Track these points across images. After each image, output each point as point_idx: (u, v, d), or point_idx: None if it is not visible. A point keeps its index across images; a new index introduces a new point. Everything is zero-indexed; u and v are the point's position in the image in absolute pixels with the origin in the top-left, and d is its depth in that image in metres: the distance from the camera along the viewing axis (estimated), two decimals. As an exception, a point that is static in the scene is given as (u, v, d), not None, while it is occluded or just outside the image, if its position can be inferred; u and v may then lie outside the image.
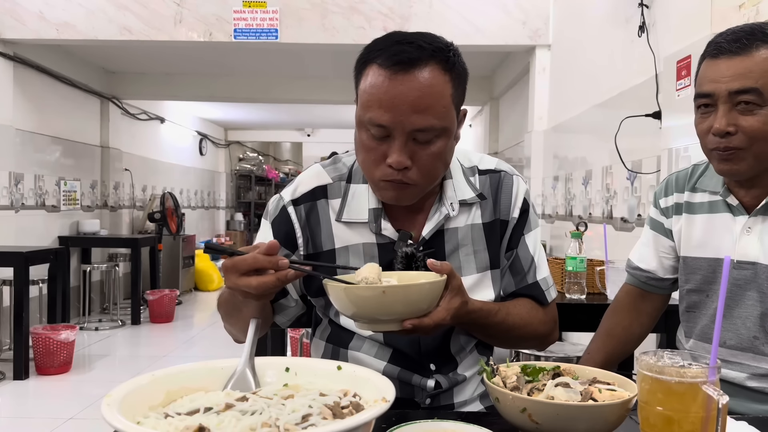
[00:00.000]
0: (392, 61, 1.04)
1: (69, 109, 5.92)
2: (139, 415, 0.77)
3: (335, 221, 1.20)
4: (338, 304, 0.99)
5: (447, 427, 0.86)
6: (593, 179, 3.52)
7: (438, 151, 1.08)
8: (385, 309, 0.96)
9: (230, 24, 4.49)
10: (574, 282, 2.13)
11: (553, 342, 1.29)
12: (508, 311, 1.18)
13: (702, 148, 1.26)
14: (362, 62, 1.10)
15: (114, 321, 5.95)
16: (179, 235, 7.35)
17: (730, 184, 1.28)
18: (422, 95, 1.04)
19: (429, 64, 1.05)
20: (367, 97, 1.07)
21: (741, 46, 1.16)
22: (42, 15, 4.51)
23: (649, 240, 1.46)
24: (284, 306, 1.24)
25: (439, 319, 1.00)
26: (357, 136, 1.12)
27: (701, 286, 1.33)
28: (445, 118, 1.07)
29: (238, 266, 0.95)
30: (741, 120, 1.16)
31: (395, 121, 1.04)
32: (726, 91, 1.16)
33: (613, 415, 0.83)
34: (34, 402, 3.87)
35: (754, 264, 1.24)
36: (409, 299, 0.96)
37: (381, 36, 1.11)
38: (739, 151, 1.17)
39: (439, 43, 1.08)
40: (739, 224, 1.26)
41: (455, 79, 1.08)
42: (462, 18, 4.48)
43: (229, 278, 0.97)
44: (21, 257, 4.11)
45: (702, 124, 1.23)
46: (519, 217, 1.23)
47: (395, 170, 1.07)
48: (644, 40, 2.80)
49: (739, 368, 1.26)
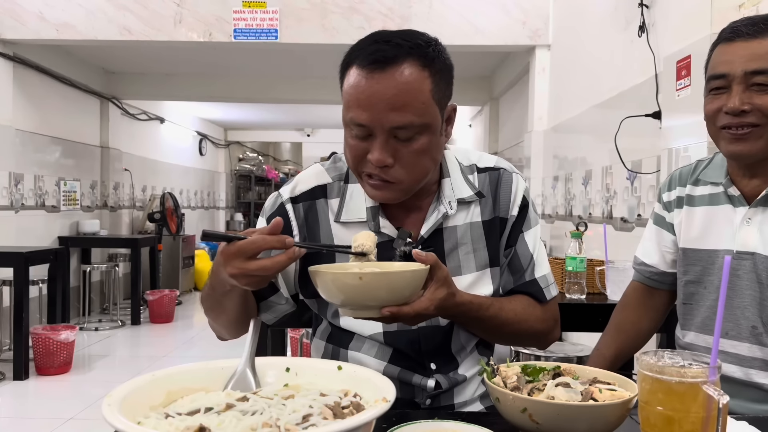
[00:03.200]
0: (369, 60, 1.05)
1: (69, 109, 5.92)
2: (140, 415, 0.77)
3: (334, 222, 1.20)
4: (321, 289, 1.00)
5: (447, 427, 0.86)
6: (593, 179, 3.52)
7: (421, 148, 1.08)
8: (364, 295, 0.96)
9: (230, 24, 4.49)
10: (574, 282, 2.13)
11: (555, 340, 1.28)
12: (502, 306, 1.17)
13: (709, 129, 1.26)
14: (344, 64, 1.10)
15: (114, 321, 5.95)
16: (179, 235, 7.35)
17: (733, 174, 1.29)
18: (399, 92, 1.04)
19: (406, 61, 1.05)
20: (348, 97, 1.08)
21: (758, 30, 1.17)
22: (42, 15, 4.51)
23: (652, 235, 1.47)
24: (272, 303, 1.23)
25: (421, 309, 1.01)
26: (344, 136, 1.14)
27: (699, 278, 1.34)
28: (425, 115, 1.07)
29: (244, 250, 0.95)
30: (756, 98, 1.17)
31: (374, 119, 1.05)
32: (742, 71, 1.17)
33: (614, 415, 0.83)
34: (34, 402, 3.87)
35: (752, 254, 1.25)
36: (391, 286, 0.97)
37: (364, 37, 1.11)
38: (755, 129, 1.17)
39: (418, 39, 1.08)
40: (740, 215, 1.27)
41: (435, 74, 1.08)
42: (462, 18, 4.48)
43: (233, 264, 0.96)
44: (21, 257, 4.11)
45: (712, 104, 1.22)
46: (518, 215, 1.22)
47: (378, 168, 1.08)
48: (644, 40, 2.80)
49: (737, 360, 1.27)
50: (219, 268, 1.00)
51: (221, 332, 1.24)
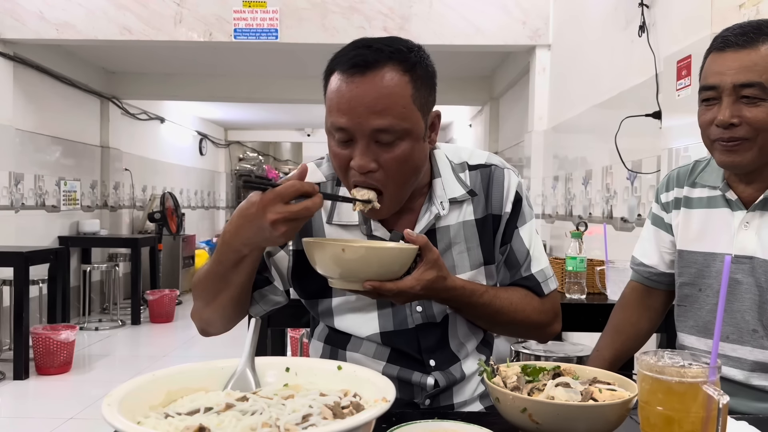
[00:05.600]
0: (349, 65, 1.05)
1: (69, 109, 5.92)
2: (140, 415, 0.77)
3: (326, 223, 1.20)
4: (314, 260, 1.05)
5: (447, 426, 0.87)
6: (593, 179, 3.52)
7: (403, 154, 1.08)
8: (351, 267, 1.00)
9: (230, 24, 4.49)
10: (574, 282, 2.13)
11: (555, 333, 1.28)
12: (496, 294, 1.18)
13: (703, 140, 1.26)
14: (327, 71, 1.11)
15: (114, 321, 5.95)
16: (179, 235, 7.35)
17: (730, 179, 1.29)
18: (379, 96, 1.04)
19: (386, 66, 1.05)
20: (329, 103, 1.08)
21: (748, 40, 1.17)
22: (42, 15, 4.51)
23: (650, 235, 1.47)
24: (266, 293, 1.22)
25: (406, 287, 1.03)
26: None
27: (695, 280, 1.34)
28: (406, 119, 1.07)
29: (283, 195, 0.97)
30: (745, 111, 1.17)
31: (354, 123, 1.05)
32: (731, 83, 1.17)
33: (614, 415, 0.83)
34: (34, 402, 3.87)
35: (751, 258, 1.25)
36: (379, 261, 1.00)
37: (347, 44, 1.12)
38: (744, 142, 1.18)
39: (400, 45, 1.09)
40: (738, 219, 1.27)
41: (416, 80, 1.08)
42: (462, 18, 4.48)
43: (274, 210, 0.97)
44: (21, 257, 4.11)
45: (705, 116, 1.23)
46: (512, 211, 1.22)
47: (362, 175, 1.08)
48: (644, 40, 2.80)
49: (739, 363, 1.27)
50: (246, 226, 1.01)
51: (212, 320, 1.20)
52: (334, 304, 1.22)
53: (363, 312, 1.20)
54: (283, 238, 1.01)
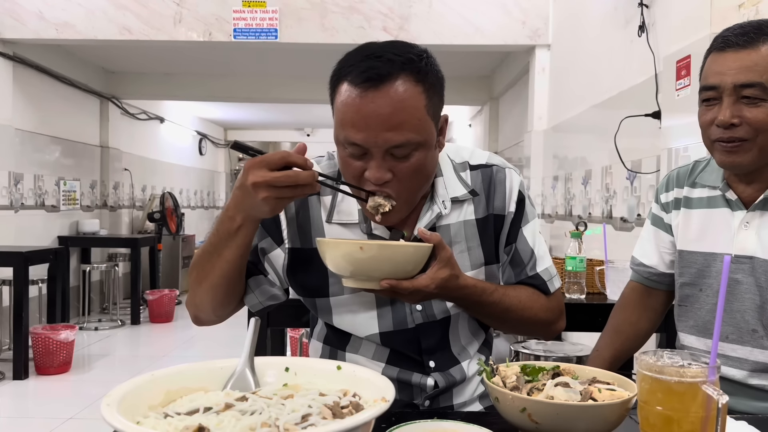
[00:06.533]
0: (362, 78, 1.03)
1: (69, 109, 5.92)
2: (139, 415, 0.77)
3: (326, 222, 1.20)
4: (327, 259, 1.04)
5: (447, 426, 0.87)
6: (593, 179, 3.52)
7: (417, 164, 1.08)
8: (366, 266, 1.00)
9: (230, 24, 4.49)
10: (573, 282, 2.13)
11: (560, 330, 1.29)
12: (506, 292, 1.18)
13: (704, 140, 1.26)
14: (335, 78, 1.09)
15: (114, 321, 5.95)
16: (179, 235, 7.35)
17: (730, 179, 1.29)
18: (395, 111, 1.03)
19: (400, 77, 1.03)
20: (341, 116, 1.07)
21: (748, 40, 1.17)
22: (42, 15, 4.51)
23: (650, 235, 1.47)
24: (261, 282, 1.20)
25: (422, 286, 1.02)
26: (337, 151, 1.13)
27: (695, 280, 1.34)
28: (422, 131, 1.06)
29: (268, 161, 0.98)
30: (746, 111, 1.17)
31: (369, 140, 1.04)
32: (731, 83, 1.17)
33: (613, 415, 0.83)
34: (34, 402, 3.88)
35: (751, 258, 1.25)
36: (393, 259, 1.00)
37: (353, 50, 1.10)
38: (744, 143, 1.18)
39: (409, 53, 1.07)
40: (738, 219, 1.27)
41: (429, 89, 1.07)
42: (462, 18, 4.48)
43: (256, 173, 0.97)
44: (21, 257, 4.10)
45: (705, 116, 1.23)
46: (515, 211, 1.22)
47: (377, 185, 1.07)
48: (644, 39, 2.80)
49: (739, 363, 1.27)
50: (237, 192, 1.02)
51: (203, 303, 1.17)
52: (333, 302, 1.21)
53: (362, 310, 1.20)
54: (267, 206, 1.00)
